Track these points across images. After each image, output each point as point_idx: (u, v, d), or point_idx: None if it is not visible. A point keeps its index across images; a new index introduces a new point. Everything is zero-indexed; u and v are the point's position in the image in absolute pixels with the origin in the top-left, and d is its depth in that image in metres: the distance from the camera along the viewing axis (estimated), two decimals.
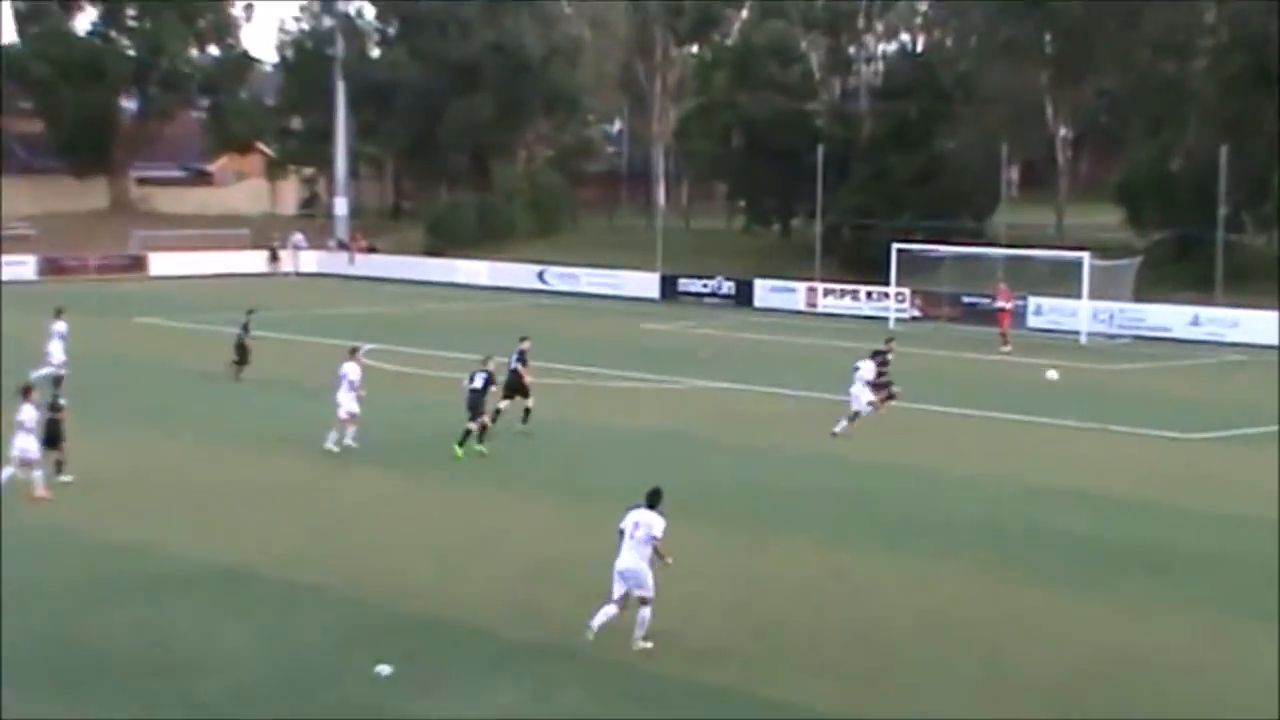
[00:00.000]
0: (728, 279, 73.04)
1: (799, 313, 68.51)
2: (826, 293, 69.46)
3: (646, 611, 19.97)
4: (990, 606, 22.40)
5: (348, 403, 32.82)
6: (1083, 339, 58.12)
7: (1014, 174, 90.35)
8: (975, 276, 65.85)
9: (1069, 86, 75.83)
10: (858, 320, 65.36)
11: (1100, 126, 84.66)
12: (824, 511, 28.32)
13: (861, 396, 35.79)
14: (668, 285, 74.19)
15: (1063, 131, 77.59)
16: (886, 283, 64.81)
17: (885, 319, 64.03)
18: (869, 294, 67.47)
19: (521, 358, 35.67)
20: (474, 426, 32.70)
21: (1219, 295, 60.89)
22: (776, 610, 21.72)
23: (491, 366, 33.45)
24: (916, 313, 65.37)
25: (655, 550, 20.02)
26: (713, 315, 67.09)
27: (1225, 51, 67.22)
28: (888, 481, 31.09)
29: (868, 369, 36.28)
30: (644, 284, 74.83)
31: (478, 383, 32.78)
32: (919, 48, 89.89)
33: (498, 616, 21.37)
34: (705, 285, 73.24)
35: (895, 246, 64.05)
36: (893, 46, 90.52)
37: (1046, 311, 59.36)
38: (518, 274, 79.28)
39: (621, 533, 20.14)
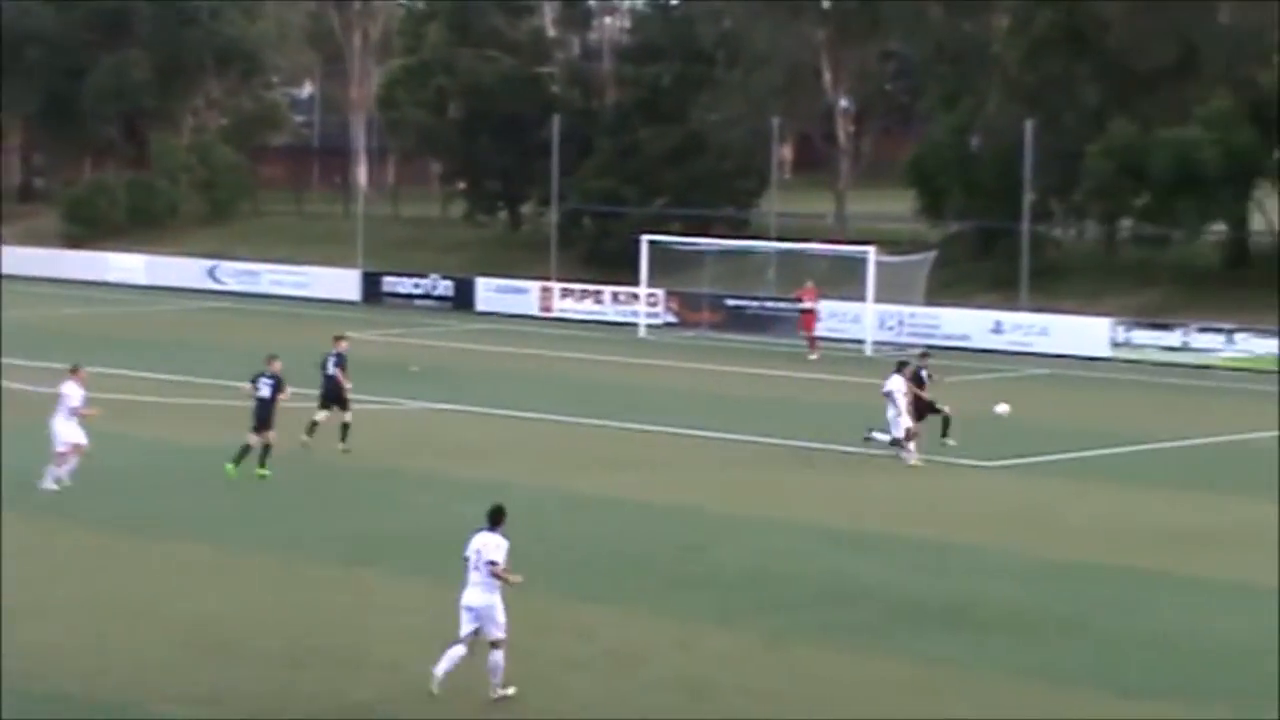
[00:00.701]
0: (444, 278, 72.85)
1: (531, 317, 68.58)
2: (564, 294, 69.66)
3: (499, 655, 20.80)
4: (768, 673, 22.57)
5: (68, 432, 32.53)
6: (867, 349, 59.17)
7: (786, 152, 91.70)
8: (742, 274, 66.62)
9: (850, 48, 77.16)
10: (602, 326, 65.69)
11: (887, 96, 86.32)
12: (567, 560, 28.33)
13: (903, 421, 37.29)
14: (370, 285, 73.71)
15: (843, 102, 78.81)
16: (635, 282, 65.17)
17: (634, 325, 64.44)
18: (615, 295, 67.82)
19: (340, 361, 36.53)
20: (254, 441, 33.04)
21: (1024, 298, 62.55)
22: (512, 676, 21.60)
23: (278, 368, 33.89)
24: (671, 318, 65.89)
25: (499, 576, 20.82)
26: (426, 321, 66.81)
27: (1030, 9, 69.06)
28: (643, 524, 31.21)
29: (899, 385, 37.58)
30: (341, 283, 74.22)
31: (264, 390, 33.35)
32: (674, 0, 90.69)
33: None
34: (417, 285, 72.94)
35: (645, 239, 64.49)
36: None
37: (825, 317, 60.32)
38: (183, 270, 78.03)
39: (466, 561, 21.01)
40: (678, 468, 37.05)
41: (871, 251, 60.38)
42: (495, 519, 21.23)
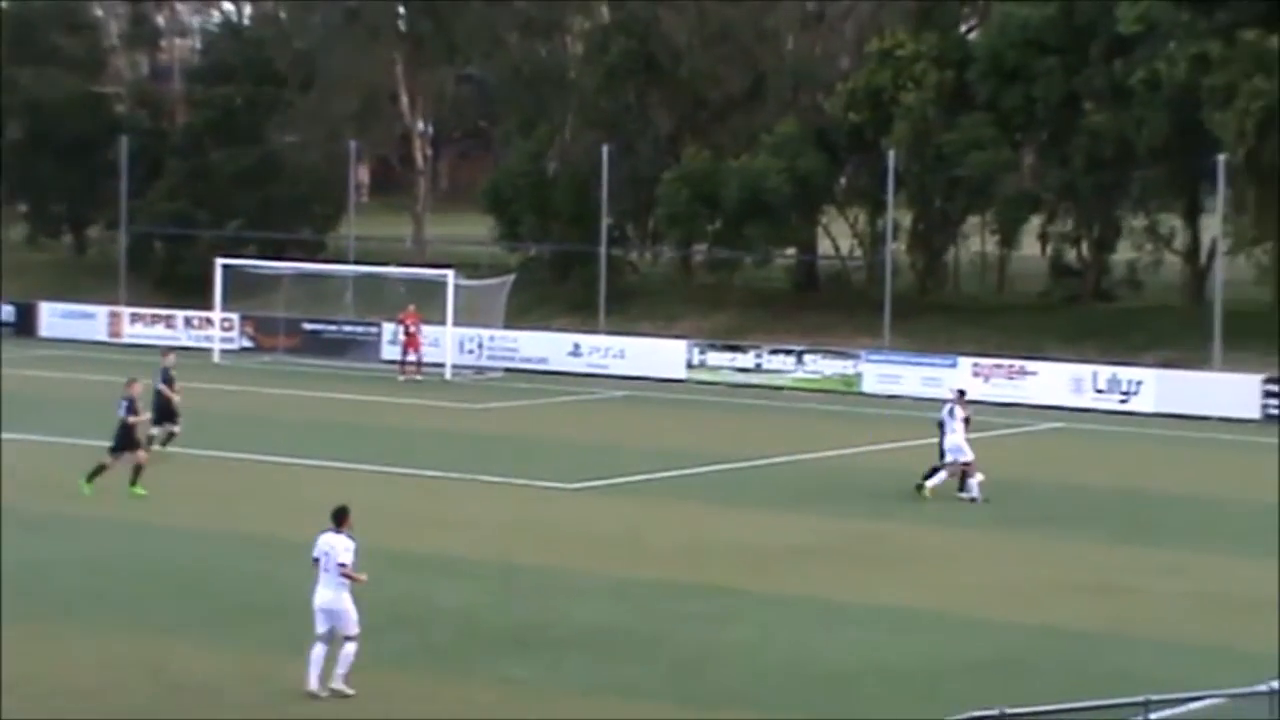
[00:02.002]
0: (7, 303, 70.46)
1: (99, 343, 66.74)
2: (134, 319, 68.07)
3: (351, 649, 21.72)
4: (346, 702, 21.90)
5: None
6: (447, 373, 58.84)
7: (364, 176, 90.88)
8: (321, 298, 65.86)
9: (427, 72, 76.82)
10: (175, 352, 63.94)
11: (465, 121, 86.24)
12: (134, 593, 27.28)
13: (964, 446, 36.56)
14: None
15: (420, 126, 78.50)
16: (210, 306, 63.89)
17: (209, 350, 63.05)
18: (188, 320, 66.48)
19: (166, 376, 37.98)
20: (109, 462, 34.08)
21: (602, 321, 62.93)
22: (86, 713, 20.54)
23: (136, 391, 34.67)
24: (248, 342, 64.90)
25: (349, 576, 21.72)
26: None
27: (605, 36, 69.64)
28: (215, 552, 30.26)
29: (959, 411, 36.90)
30: None
31: (122, 411, 34.27)
32: (246, 20, 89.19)
33: None
34: None
35: (220, 262, 63.34)
36: (214, 17, 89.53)
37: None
38: None
39: (316, 562, 21.89)
40: (250, 494, 36.14)
41: (450, 275, 60.10)
42: (339, 519, 21.98)
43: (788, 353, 58.25)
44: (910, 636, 26.05)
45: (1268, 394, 50.84)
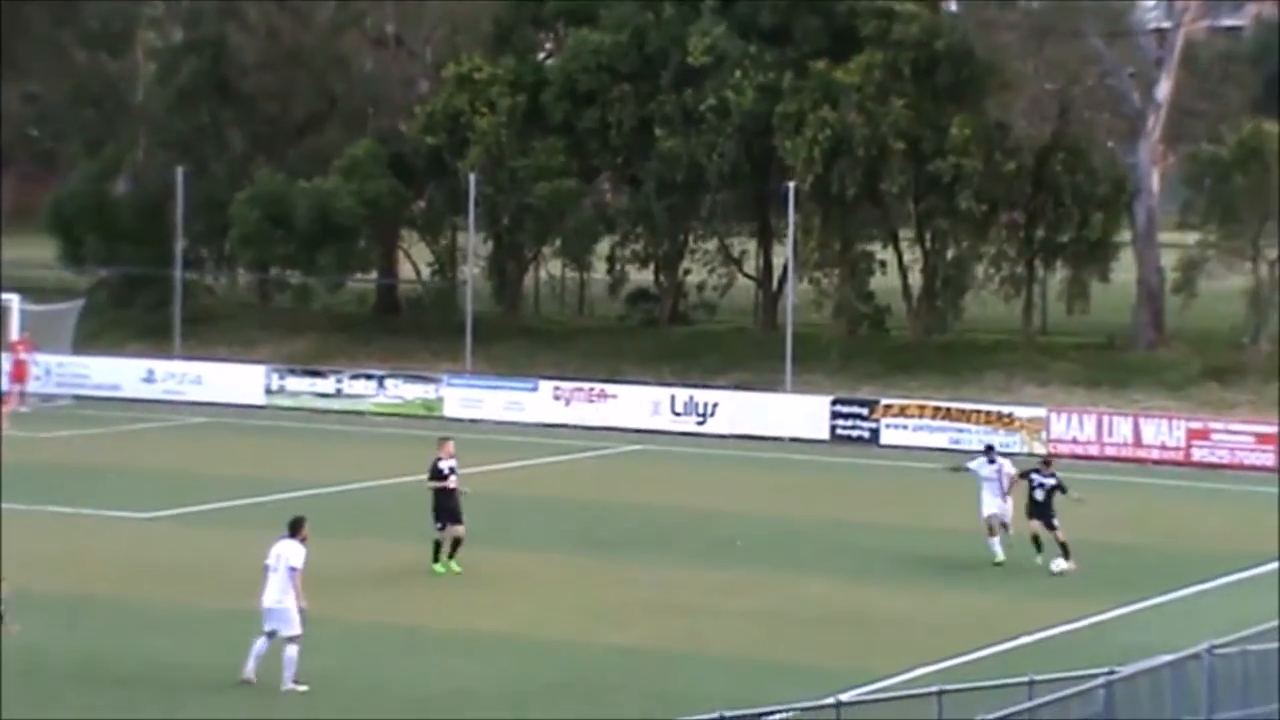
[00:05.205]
0: None
1: None
2: None
3: (293, 650, 23.65)
4: None
5: None
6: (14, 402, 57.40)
7: None
8: None
9: None
10: None
11: (31, 141, 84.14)
12: None
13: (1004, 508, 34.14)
14: None
15: None
16: None
17: None
18: None
19: None
20: None
21: (177, 346, 62.09)
22: None
23: None
24: None
25: (295, 585, 23.80)
26: None
27: (176, 56, 68.85)
28: None
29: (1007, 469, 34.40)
30: None
31: None
32: None
33: None
34: None
35: None
36: None
37: None
38: None
39: (267, 567, 24.01)
40: None
41: (16, 300, 58.66)
42: (295, 528, 24.50)
43: (369, 377, 58.26)
44: (493, 660, 26.54)
45: (835, 415, 52.67)
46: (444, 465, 33.19)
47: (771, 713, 18.96)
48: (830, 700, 18.73)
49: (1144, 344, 57.35)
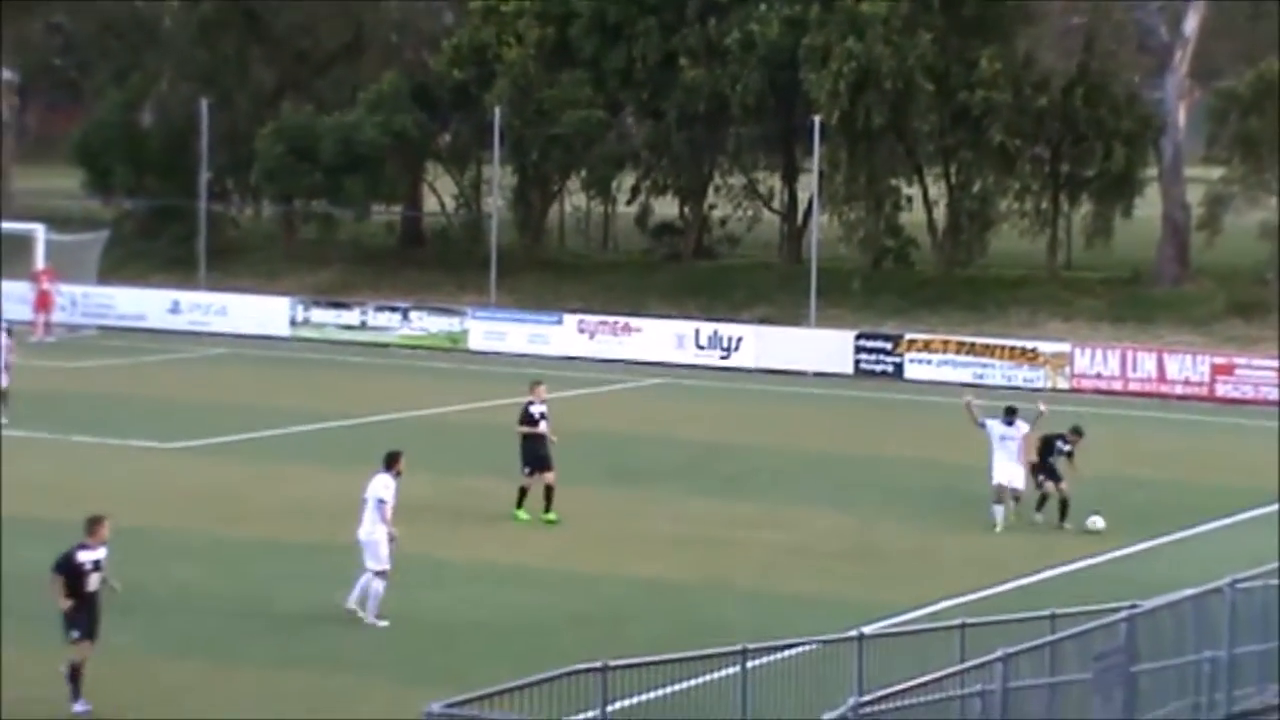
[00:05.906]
0: None
1: None
2: None
3: (379, 585, 23.92)
4: None
5: None
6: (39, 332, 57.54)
7: None
8: None
9: (14, 19, 74.72)
10: None
11: (55, 71, 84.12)
12: None
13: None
14: None
15: (7, 74, 76.41)
16: None
17: None
18: None
19: None
20: None
21: (202, 277, 62.17)
22: None
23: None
24: None
25: (384, 518, 23.99)
26: None
27: None
28: None
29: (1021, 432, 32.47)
30: None
31: None
32: None
33: None
34: None
35: None
36: None
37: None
38: None
39: (363, 501, 24.29)
40: None
41: (41, 230, 58.72)
42: (390, 462, 24.51)
43: (393, 310, 58.31)
44: (516, 592, 26.64)
45: (859, 349, 52.63)
46: (535, 410, 31.64)
47: (794, 644, 19.02)
48: (853, 633, 18.77)
49: (1169, 279, 57.22)
